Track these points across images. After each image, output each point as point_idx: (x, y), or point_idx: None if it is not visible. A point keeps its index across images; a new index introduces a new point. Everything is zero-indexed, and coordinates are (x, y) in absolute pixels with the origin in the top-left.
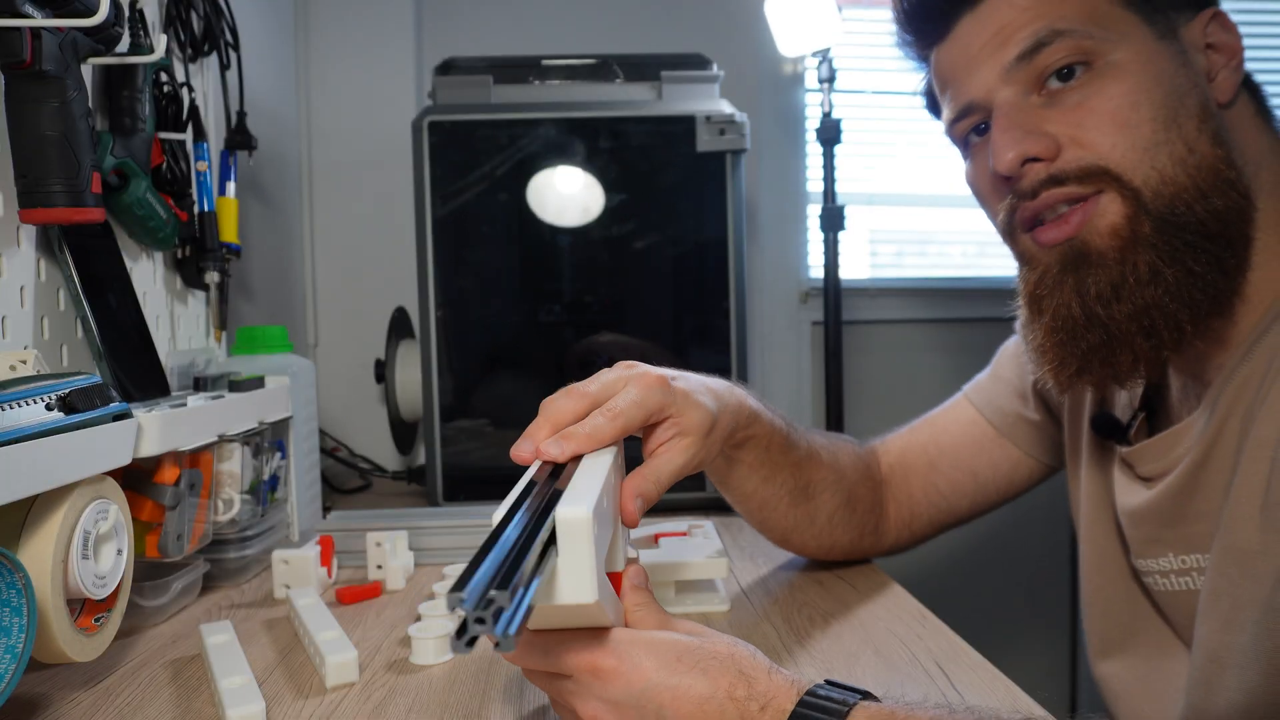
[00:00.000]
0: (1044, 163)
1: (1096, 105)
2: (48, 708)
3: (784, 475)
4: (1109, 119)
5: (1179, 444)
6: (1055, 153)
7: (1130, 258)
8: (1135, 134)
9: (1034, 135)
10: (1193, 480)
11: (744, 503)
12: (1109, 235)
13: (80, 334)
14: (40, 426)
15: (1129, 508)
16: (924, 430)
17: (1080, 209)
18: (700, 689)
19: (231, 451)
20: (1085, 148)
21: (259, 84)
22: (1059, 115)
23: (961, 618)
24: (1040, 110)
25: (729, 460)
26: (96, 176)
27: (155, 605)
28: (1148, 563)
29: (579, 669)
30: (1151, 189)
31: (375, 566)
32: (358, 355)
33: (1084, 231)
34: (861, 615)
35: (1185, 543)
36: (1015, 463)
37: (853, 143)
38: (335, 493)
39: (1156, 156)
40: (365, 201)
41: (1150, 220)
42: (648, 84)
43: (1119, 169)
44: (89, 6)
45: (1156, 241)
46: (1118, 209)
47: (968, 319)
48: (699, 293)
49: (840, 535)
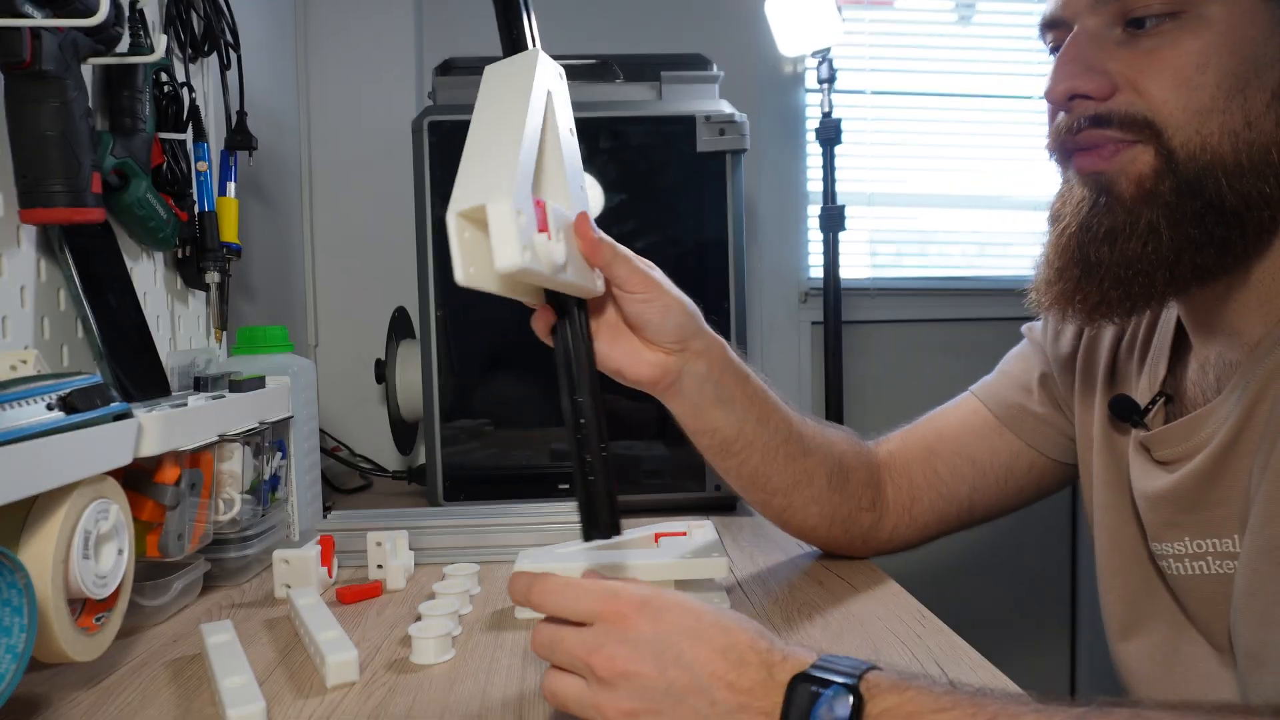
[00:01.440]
0: (1094, 101)
1: (1166, 56)
2: (48, 708)
3: (776, 421)
4: (1172, 73)
5: (1201, 428)
6: (1109, 93)
7: (1138, 209)
8: (1193, 95)
9: (1091, 72)
10: (1218, 465)
11: (743, 450)
12: (1134, 182)
13: (80, 334)
14: (40, 426)
15: (1147, 491)
16: (927, 422)
17: (1115, 147)
18: (721, 640)
19: (232, 451)
20: (1140, 95)
21: (259, 84)
22: (1128, 56)
23: (961, 618)
24: (1113, 47)
25: (721, 395)
26: (96, 176)
27: (156, 605)
28: (1164, 546)
29: (602, 614)
30: (1188, 153)
31: (375, 566)
32: (358, 355)
33: (1113, 171)
34: (861, 615)
35: (1202, 527)
36: (1015, 452)
37: (852, 143)
38: (336, 492)
39: (1207, 123)
40: (365, 201)
41: (1173, 180)
42: (648, 84)
43: (1164, 125)
44: (89, 6)
45: (1170, 201)
46: (1148, 161)
47: (968, 319)
48: (699, 293)
49: (839, 503)
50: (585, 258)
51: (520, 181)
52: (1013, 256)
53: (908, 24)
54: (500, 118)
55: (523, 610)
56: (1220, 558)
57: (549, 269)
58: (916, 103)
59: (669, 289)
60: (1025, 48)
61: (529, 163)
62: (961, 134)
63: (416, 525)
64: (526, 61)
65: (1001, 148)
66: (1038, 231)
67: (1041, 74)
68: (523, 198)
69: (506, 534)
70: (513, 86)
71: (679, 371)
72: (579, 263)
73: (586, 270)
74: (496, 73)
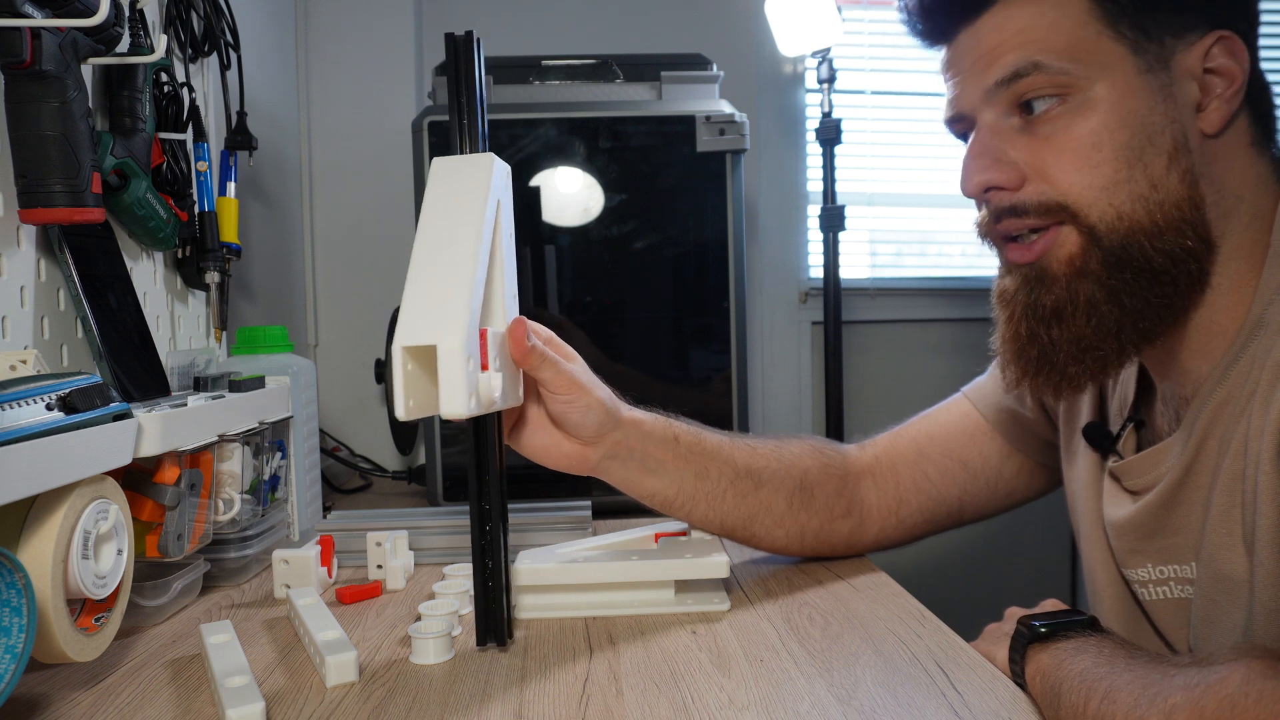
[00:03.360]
0: (1007, 191)
1: (1062, 142)
2: (48, 708)
3: (718, 468)
4: (1072, 156)
5: (1161, 461)
6: (1019, 183)
7: (1075, 286)
8: (1095, 173)
9: (1000, 164)
10: (1172, 498)
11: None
12: (1065, 263)
13: (80, 334)
14: (40, 426)
15: (1114, 519)
16: (917, 424)
17: (1043, 237)
18: None
19: (232, 451)
20: (1047, 182)
21: (259, 84)
22: (1029, 145)
23: (961, 618)
24: (1014, 135)
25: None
26: (96, 176)
27: (155, 605)
28: (1130, 572)
29: None
30: (1107, 225)
31: (375, 566)
32: (358, 355)
33: (1044, 258)
34: (861, 615)
35: (1162, 554)
36: (1005, 456)
37: (853, 143)
38: (335, 493)
39: (1115, 194)
40: (365, 201)
41: (1100, 254)
42: (648, 84)
43: (1076, 206)
44: (89, 6)
45: (1101, 276)
46: (1074, 241)
47: (967, 319)
48: (699, 293)
49: (806, 520)
50: (515, 360)
51: (470, 322)
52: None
53: None
54: (451, 235)
55: (523, 610)
56: (1180, 583)
57: (486, 407)
58: (917, 103)
59: (590, 388)
60: None
61: (479, 298)
62: None
63: (416, 525)
64: (480, 168)
65: None
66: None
67: None
68: (472, 341)
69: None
70: (467, 197)
71: (597, 459)
72: (511, 375)
73: (515, 381)
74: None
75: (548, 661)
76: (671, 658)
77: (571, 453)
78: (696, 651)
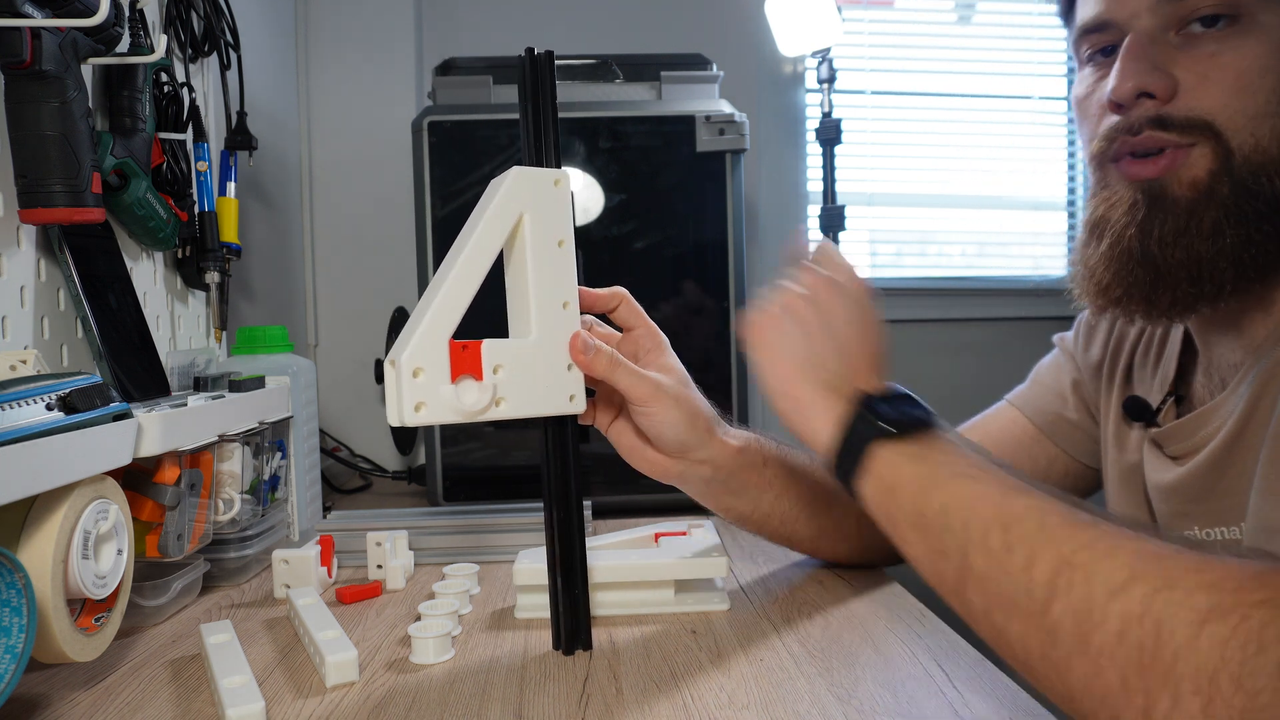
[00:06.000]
0: (1156, 101)
1: (1226, 61)
2: (48, 708)
3: (798, 490)
4: (1235, 77)
5: (1206, 424)
6: (1171, 94)
7: (1200, 211)
8: (1251, 100)
9: (1158, 72)
10: (1224, 458)
11: (761, 520)
12: (1189, 186)
13: (80, 334)
14: (40, 426)
15: (1159, 484)
16: (967, 433)
17: (1171, 154)
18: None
19: (232, 451)
20: (1200, 99)
21: (259, 84)
22: (1188, 59)
23: None
24: (1172, 50)
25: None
26: (96, 176)
27: (155, 605)
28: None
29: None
30: (1244, 154)
31: (375, 566)
32: (358, 355)
33: (1168, 176)
34: (861, 615)
35: (1211, 516)
36: (1052, 459)
37: (853, 143)
38: (335, 493)
39: (1260, 125)
40: (365, 201)
41: (1230, 182)
42: (647, 84)
43: (1223, 127)
44: (89, 6)
45: (1229, 203)
46: (1205, 164)
47: (968, 319)
48: (699, 293)
49: (872, 536)
50: (583, 371)
51: (423, 340)
52: (1012, 256)
53: (908, 24)
54: (456, 249)
55: (523, 610)
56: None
57: (459, 416)
58: (916, 103)
59: (675, 402)
60: (1025, 48)
61: (448, 314)
62: (961, 134)
63: (416, 525)
64: (502, 181)
65: (1001, 148)
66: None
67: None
68: (429, 356)
69: (506, 534)
70: (478, 214)
71: (680, 473)
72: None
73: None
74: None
75: (547, 661)
76: (671, 657)
77: (655, 460)
78: (696, 651)
